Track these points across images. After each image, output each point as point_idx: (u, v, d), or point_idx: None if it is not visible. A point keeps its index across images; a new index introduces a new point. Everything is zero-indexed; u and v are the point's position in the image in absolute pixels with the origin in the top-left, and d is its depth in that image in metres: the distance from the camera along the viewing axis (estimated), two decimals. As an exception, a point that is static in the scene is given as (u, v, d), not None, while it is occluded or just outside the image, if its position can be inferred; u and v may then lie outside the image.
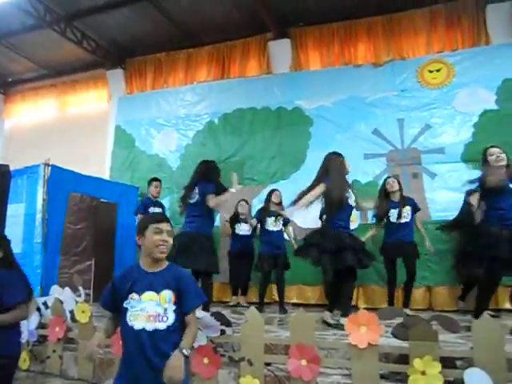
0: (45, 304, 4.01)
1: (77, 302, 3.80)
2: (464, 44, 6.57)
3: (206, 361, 2.99)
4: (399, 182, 5.33)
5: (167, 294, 1.95)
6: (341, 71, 6.99)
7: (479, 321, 2.59)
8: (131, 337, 1.93)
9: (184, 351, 1.89)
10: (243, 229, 6.00)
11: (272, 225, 5.56)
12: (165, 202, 6.68)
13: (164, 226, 2.02)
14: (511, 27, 6.26)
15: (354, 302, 5.89)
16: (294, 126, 6.94)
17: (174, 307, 1.95)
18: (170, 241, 2.04)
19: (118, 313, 2.02)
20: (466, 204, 4.97)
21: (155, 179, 6.14)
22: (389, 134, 6.48)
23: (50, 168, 5.54)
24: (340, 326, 3.87)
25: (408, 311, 4.89)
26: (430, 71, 6.46)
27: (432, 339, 2.63)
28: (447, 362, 2.64)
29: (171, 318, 1.94)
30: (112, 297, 2.03)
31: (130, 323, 1.93)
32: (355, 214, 5.48)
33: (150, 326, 1.91)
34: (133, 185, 7.27)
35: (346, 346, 2.84)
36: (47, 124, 9.53)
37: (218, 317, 3.04)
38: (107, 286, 2.06)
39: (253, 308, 3.03)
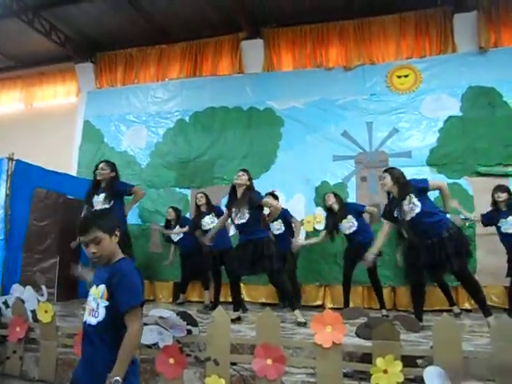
0: (5, 303, 3.89)
1: (39, 301, 3.70)
2: (431, 51, 6.74)
3: (171, 361, 2.97)
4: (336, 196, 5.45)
5: (101, 289, 1.90)
6: (312, 73, 7.06)
7: (439, 321, 2.68)
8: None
9: (114, 380, 1.74)
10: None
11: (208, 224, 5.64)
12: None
13: (85, 238, 1.91)
14: (476, 36, 6.47)
15: (320, 302, 6.04)
16: (265, 127, 6.97)
17: (105, 303, 1.87)
18: (97, 249, 1.90)
19: None
20: None
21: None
22: (358, 137, 6.59)
23: (14, 162, 5.38)
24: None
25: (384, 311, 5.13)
26: (399, 76, 6.62)
27: (394, 339, 2.70)
28: (408, 361, 2.72)
29: (102, 314, 1.87)
30: None
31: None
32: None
33: (88, 320, 1.92)
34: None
35: (311, 346, 2.88)
36: (12, 117, 9.22)
37: (185, 317, 3.03)
38: None
39: (220, 308, 3.04)
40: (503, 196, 4.78)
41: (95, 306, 1.89)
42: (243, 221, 4.47)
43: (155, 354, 3.02)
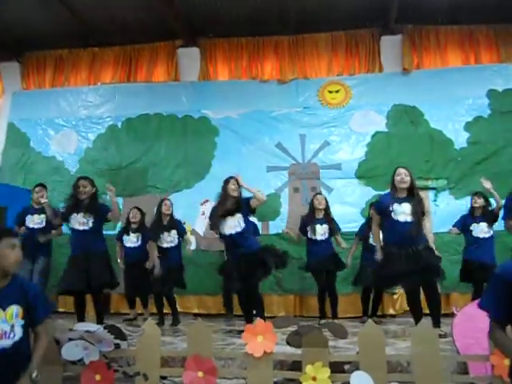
0: None
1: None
2: (360, 69, 7.10)
3: (97, 377, 2.83)
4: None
5: (14, 309, 1.90)
6: (248, 85, 7.16)
7: (364, 327, 2.80)
8: None
9: (33, 375, 1.85)
10: (131, 240, 5.55)
11: (165, 241, 5.16)
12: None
13: (17, 241, 1.99)
14: (401, 58, 6.91)
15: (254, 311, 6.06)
16: (200, 135, 6.95)
17: (21, 322, 1.92)
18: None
19: None
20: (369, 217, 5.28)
21: (38, 185, 5.60)
22: (291, 149, 6.77)
23: None
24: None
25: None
26: (330, 92, 6.90)
27: (323, 346, 2.78)
28: (336, 367, 2.81)
29: (18, 333, 1.90)
30: None
31: None
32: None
33: None
34: (25, 188, 6.71)
35: (242, 356, 2.89)
36: None
37: (112, 330, 2.92)
38: None
39: (150, 320, 2.97)
40: (479, 202, 5.08)
41: (8, 327, 1.87)
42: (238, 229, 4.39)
43: (80, 370, 2.88)
